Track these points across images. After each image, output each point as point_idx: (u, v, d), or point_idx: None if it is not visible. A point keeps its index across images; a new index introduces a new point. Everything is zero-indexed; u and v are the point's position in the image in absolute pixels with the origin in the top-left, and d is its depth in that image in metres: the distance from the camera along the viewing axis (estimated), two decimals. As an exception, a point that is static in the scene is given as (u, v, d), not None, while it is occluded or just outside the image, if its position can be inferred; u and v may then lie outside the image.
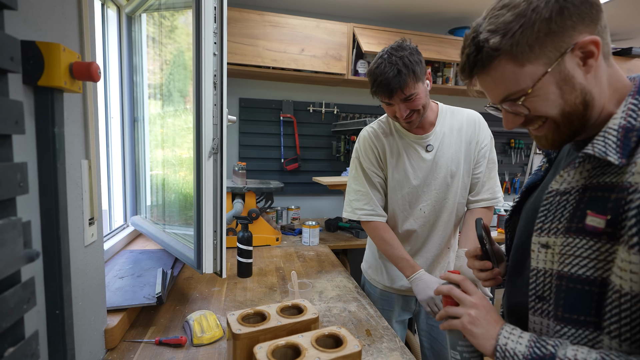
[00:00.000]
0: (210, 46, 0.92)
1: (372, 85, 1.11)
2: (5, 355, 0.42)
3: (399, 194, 1.24)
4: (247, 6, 2.27)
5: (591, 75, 0.54)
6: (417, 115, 1.14)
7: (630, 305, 0.49)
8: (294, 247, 1.83)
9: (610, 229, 0.51)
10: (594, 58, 0.53)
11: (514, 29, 0.53)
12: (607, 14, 0.55)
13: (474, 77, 0.59)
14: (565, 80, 0.54)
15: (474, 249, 0.80)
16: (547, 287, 0.59)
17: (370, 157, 1.27)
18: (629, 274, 0.48)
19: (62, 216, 0.57)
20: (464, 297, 0.66)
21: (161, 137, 1.38)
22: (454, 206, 1.25)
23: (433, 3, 2.25)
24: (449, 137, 1.23)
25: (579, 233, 0.54)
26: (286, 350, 0.70)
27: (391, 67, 1.06)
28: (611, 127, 0.53)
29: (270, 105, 2.47)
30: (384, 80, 1.07)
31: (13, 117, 0.44)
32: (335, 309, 1.13)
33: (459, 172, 1.23)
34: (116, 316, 0.90)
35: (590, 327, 0.54)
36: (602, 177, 0.54)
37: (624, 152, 0.51)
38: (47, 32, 0.59)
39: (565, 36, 0.52)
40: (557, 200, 0.59)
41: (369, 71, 1.14)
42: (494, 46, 0.54)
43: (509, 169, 2.99)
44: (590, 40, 0.52)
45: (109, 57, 1.45)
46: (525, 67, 0.54)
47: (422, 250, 1.27)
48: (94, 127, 0.76)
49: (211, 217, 0.99)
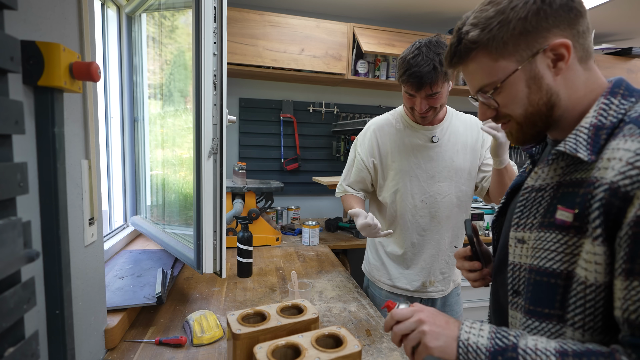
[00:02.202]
0: (210, 46, 0.92)
1: (403, 74, 1.11)
2: (5, 355, 0.42)
3: (401, 183, 1.25)
4: (247, 6, 2.27)
5: (560, 78, 0.57)
6: (432, 112, 1.17)
7: (595, 296, 0.51)
8: (294, 247, 1.83)
9: (577, 222, 0.52)
10: (564, 61, 0.55)
11: (492, 25, 0.56)
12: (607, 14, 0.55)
13: (455, 66, 0.63)
14: (534, 79, 0.57)
15: (463, 250, 0.82)
16: (521, 281, 0.61)
17: (367, 146, 1.32)
18: (594, 265, 0.50)
19: (62, 216, 0.57)
20: (406, 311, 0.63)
21: (161, 137, 1.38)
22: (458, 202, 1.26)
23: (433, 3, 2.25)
24: (455, 135, 1.26)
25: (550, 227, 0.56)
26: (286, 350, 0.70)
27: (428, 61, 1.06)
28: (583, 125, 0.55)
29: (270, 105, 2.46)
30: (418, 72, 1.07)
31: (13, 117, 0.44)
32: (335, 309, 1.13)
33: (464, 169, 1.25)
34: (116, 316, 0.90)
35: (553, 320, 0.56)
36: (574, 173, 0.56)
37: (593, 148, 0.53)
38: (47, 32, 0.59)
39: (539, 37, 0.55)
40: (533, 196, 0.61)
41: (402, 58, 1.13)
42: (472, 39, 0.58)
43: (509, 169, 2.98)
44: (561, 43, 0.54)
45: (109, 57, 1.44)
46: (499, 61, 0.57)
47: (424, 243, 1.27)
48: (94, 127, 0.76)
49: (211, 217, 0.99)
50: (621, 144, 0.49)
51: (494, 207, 2.48)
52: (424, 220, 1.26)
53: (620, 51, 2.61)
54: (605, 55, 2.61)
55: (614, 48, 2.61)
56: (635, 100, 0.54)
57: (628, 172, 0.47)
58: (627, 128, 0.51)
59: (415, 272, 1.29)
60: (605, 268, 0.49)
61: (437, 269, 1.28)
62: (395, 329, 0.64)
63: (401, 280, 1.30)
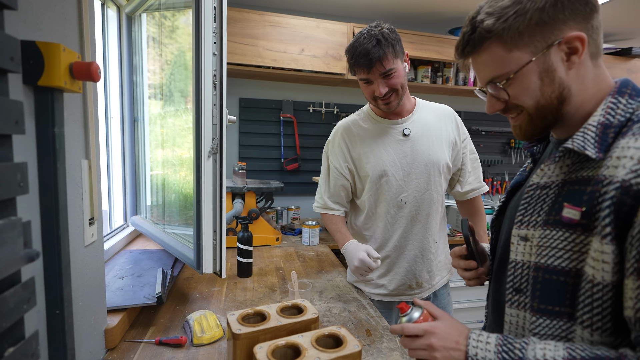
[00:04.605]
0: (210, 46, 0.92)
1: (352, 58, 1.10)
2: (5, 355, 0.42)
3: (378, 184, 1.21)
4: (247, 6, 2.27)
5: (573, 72, 0.56)
6: (395, 97, 1.14)
7: (602, 295, 0.50)
8: (294, 247, 1.83)
9: (585, 220, 0.52)
10: (577, 55, 0.55)
11: (509, 14, 0.55)
12: (607, 14, 0.56)
13: (467, 56, 0.62)
14: (547, 72, 0.56)
15: (459, 249, 0.82)
16: (524, 279, 0.61)
17: (337, 152, 1.27)
18: (601, 264, 0.50)
19: (62, 216, 0.57)
20: (417, 330, 0.64)
21: (161, 137, 1.38)
22: (437, 197, 1.23)
23: (433, 3, 2.25)
24: (427, 127, 1.22)
25: (556, 225, 0.56)
26: (286, 350, 0.70)
27: (370, 39, 1.06)
28: (591, 123, 0.55)
29: (270, 105, 2.46)
30: (363, 50, 1.06)
31: (13, 117, 0.44)
32: (335, 309, 1.13)
33: (440, 163, 1.22)
34: (116, 316, 0.90)
35: (564, 318, 0.55)
36: (581, 171, 0.55)
37: (601, 147, 0.53)
38: (47, 32, 0.59)
39: (555, 29, 0.54)
40: (538, 193, 0.61)
41: (347, 48, 1.13)
42: (487, 28, 0.56)
43: (509, 168, 2.98)
44: (577, 36, 0.54)
45: (109, 57, 1.44)
46: (513, 52, 0.56)
47: (407, 244, 1.24)
48: (94, 127, 0.76)
49: (211, 217, 0.99)
50: (631, 142, 0.49)
51: (493, 207, 2.48)
52: (404, 221, 1.22)
53: (620, 51, 2.61)
54: (605, 55, 2.61)
55: (614, 48, 2.61)
56: None
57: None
58: (637, 127, 0.51)
59: (400, 276, 1.25)
60: (613, 267, 0.49)
61: (423, 269, 1.26)
62: (405, 343, 0.65)
63: (385, 286, 1.26)
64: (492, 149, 2.92)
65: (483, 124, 2.84)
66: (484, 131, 2.85)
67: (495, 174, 2.95)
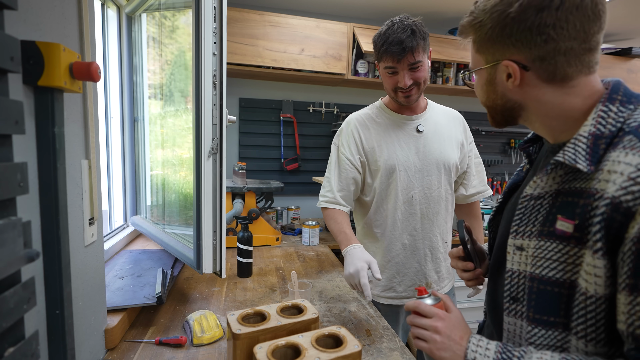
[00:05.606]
0: (210, 46, 0.92)
1: (382, 45, 1.08)
2: (5, 355, 0.42)
3: (391, 178, 1.20)
4: (247, 6, 2.27)
5: (518, 90, 0.59)
6: (416, 91, 1.14)
7: (596, 307, 0.51)
8: (294, 247, 1.83)
9: (578, 233, 0.53)
10: (512, 79, 0.58)
11: (480, 18, 0.59)
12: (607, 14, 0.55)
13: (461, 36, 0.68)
14: (491, 82, 0.62)
15: (456, 250, 0.82)
16: (520, 288, 0.61)
17: (350, 143, 1.23)
18: (594, 277, 0.50)
19: (62, 216, 0.57)
20: (429, 311, 0.66)
21: (161, 137, 1.38)
22: (447, 196, 1.24)
23: (433, 3, 2.25)
24: (439, 126, 1.23)
25: (550, 236, 0.56)
26: (286, 350, 0.70)
27: (404, 28, 1.06)
28: (581, 134, 0.55)
29: (270, 105, 2.47)
30: (396, 39, 1.05)
31: (13, 117, 0.44)
32: (335, 309, 1.13)
33: (451, 162, 1.23)
34: (116, 316, 0.90)
35: (559, 328, 0.56)
36: (574, 182, 0.55)
37: (592, 159, 0.52)
38: (47, 32, 0.59)
39: (501, 49, 0.58)
40: (532, 204, 0.61)
41: (377, 35, 1.11)
42: (463, 24, 0.63)
43: (509, 168, 2.99)
44: (509, 64, 0.57)
45: (109, 57, 1.44)
46: (478, 53, 0.63)
47: (416, 242, 1.23)
48: (94, 127, 0.76)
49: (211, 217, 0.99)
50: (622, 156, 0.49)
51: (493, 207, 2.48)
52: (415, 218, 1.21)
53: (620, 51, 2.61)
54: (605, 55, 2.61)
55: (614, 48, 2.62)
56: (634, 107, 0.54)
57: (630, 187, 0.46)
58: (627, 139, 0.50)
59: (410, 276, 1.24)
60: (605, 281, 0.49)
61: (432, 269, 1.25)
62: (411, 319, 0.68)
63: (394, 288, 1.25)
64: (492, 149, 2.93)
65: (483, 124, 2.84)
66: (484, 131, 2.85)
67: (495, 174, 2.95)
